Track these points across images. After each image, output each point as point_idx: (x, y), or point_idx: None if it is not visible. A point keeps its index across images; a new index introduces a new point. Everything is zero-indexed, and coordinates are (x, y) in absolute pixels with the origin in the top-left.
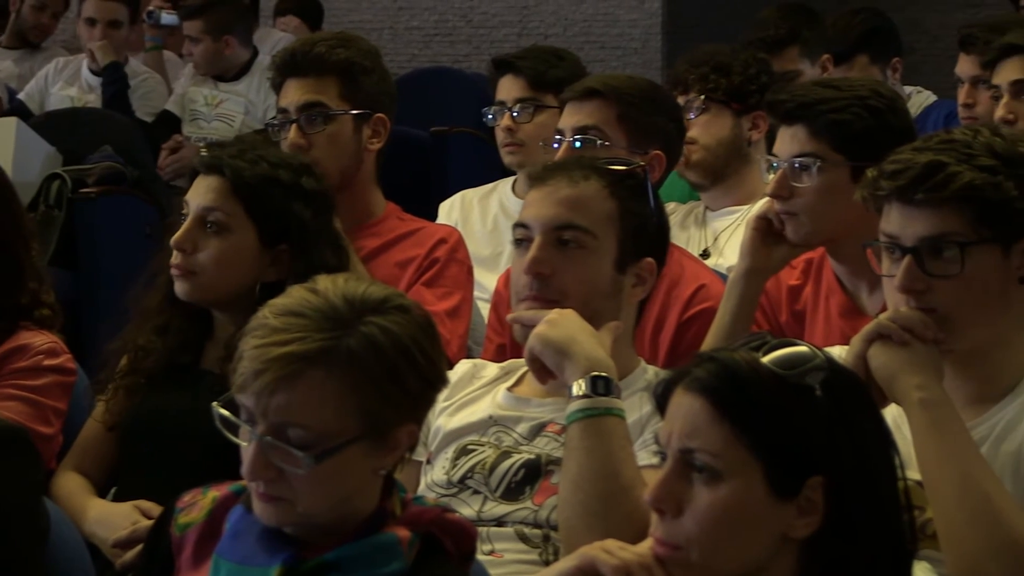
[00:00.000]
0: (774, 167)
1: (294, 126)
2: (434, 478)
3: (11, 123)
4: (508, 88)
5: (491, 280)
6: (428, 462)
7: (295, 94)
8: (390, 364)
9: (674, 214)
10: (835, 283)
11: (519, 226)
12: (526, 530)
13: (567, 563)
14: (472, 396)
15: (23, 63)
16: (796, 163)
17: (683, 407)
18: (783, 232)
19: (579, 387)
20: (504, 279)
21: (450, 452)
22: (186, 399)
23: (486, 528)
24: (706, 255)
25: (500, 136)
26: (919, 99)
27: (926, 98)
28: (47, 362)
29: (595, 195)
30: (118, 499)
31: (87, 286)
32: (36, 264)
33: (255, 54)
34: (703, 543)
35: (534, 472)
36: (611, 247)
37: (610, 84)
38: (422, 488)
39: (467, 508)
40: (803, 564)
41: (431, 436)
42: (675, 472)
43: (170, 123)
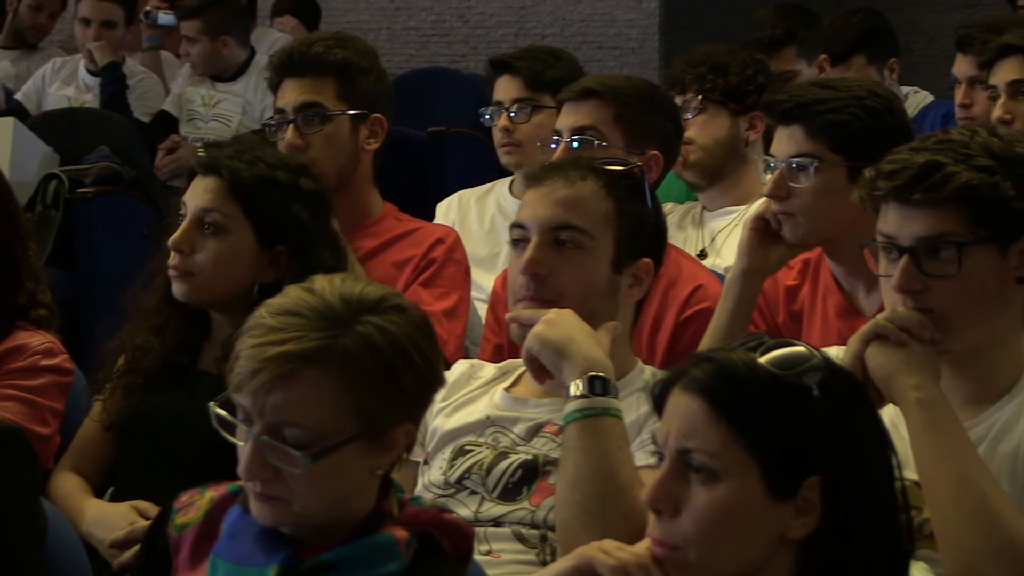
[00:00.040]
0: (771, 167)
1: (291, 126)
2: (431, 478)
3: (8, 123)
4: (505, 88)
5: (488, 280)
6: (425, 462)
7: (292, 94)
8: (387, 364)
9: (671, 214)
10: (832, 283)
11: (516, 226)
12: (523, 530)
13: (564, 563)
14: (469, 396)
15: (20, 63)
16: (793, 163)
17: (680, 407)
18: (780, 232)
19: (576, 387)
20: (502, 279)
21: (447, 452)
22: (183, 399)
23: (483, 528)
24: (703, 255)
25: (497, 136)
26: (916, 99)
27: (923, 98)
28: (44, 362)
29: (592, 195)
30: (115, 499)
31: (84, 286)
32: (33, 264)
33: (252, 54)
34: (700, 543)
35: (531, 472)
36: (608, 247)
37: (607, 84)
38: (419, 488)
39: (464, 508)
40: (800, 564)
41: (428, 436)
42: (672, 472)
43: (167, 123)
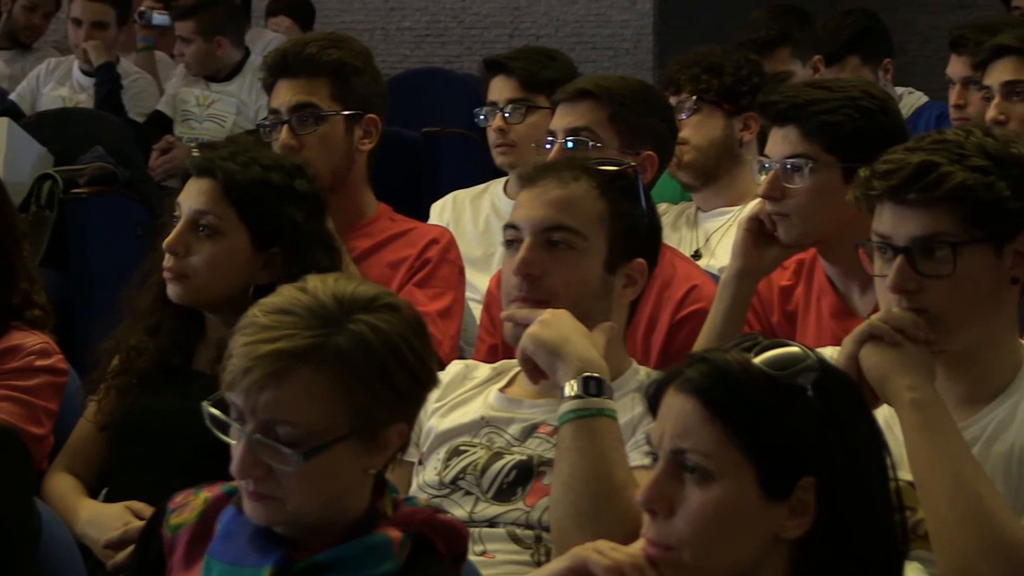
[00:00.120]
0: (766, 168)
1: (285, 127)
2: (426, 479)
3: (2, 123)
4: (500, 89)
5: (483, 281)
6: (420, 463)
7: (286, 95)
8: (379, 362)
9: (666, 215)
10: (826, 284)
11: (509, 227)
12: (518, 531)
13: (559, 564)
14: (464, 397)
15: (14, 63)
16: (788, 164)
17: (675, 408)
18: (775, 233)
19: (571, 388)
20: (496, 280)
21: (442, 453)
22: (178, 400)
23: (478, 529)
24: (698, 256)
25: (492, 137)
26: (910, 100)
27: (917, 99)
28: (39, 362)
29: (585, 196)
30: (110, 500)
31: (78, 286)
32: (27, 264)
33: (247, 55)
34: (695, 544)
35: (526, 473)
36: (601, 248)
37: (602, 85)
38: (414, 489)
39: (459, 509)
40: (795, 565)
41: (423, 437)
42: (667, 473)
43: (161, 124)
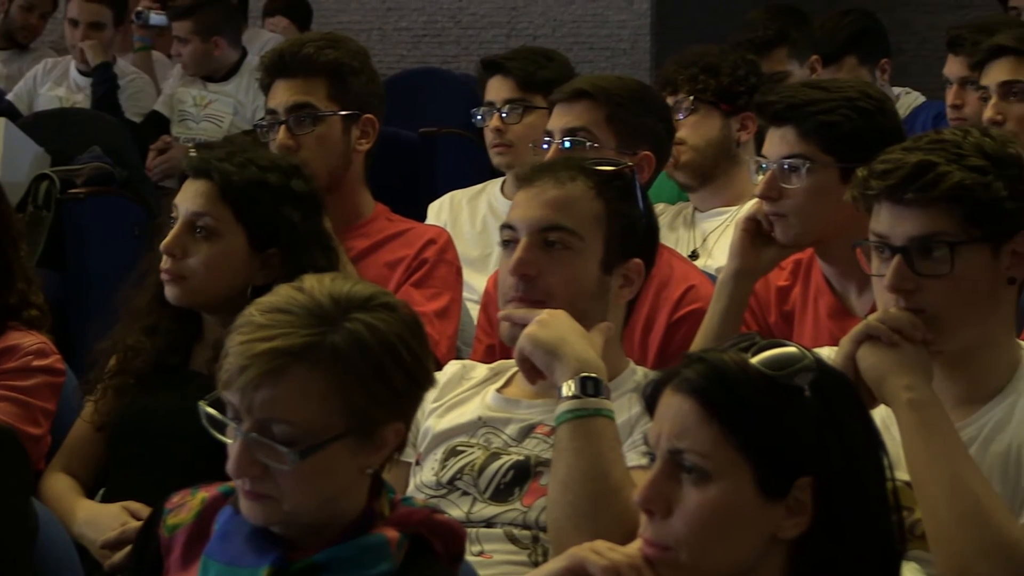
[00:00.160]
0: (763, 168)
1: (282, 127)
2: (423, 479)
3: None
4: (497, 89)
5: (480, 281)
6: (417, 463)
7: (284, 95)
8: (375, 361)
9: (663, 215)
10: (824, 284)
11: (506, 227)
12: (515, 531)
13: (556, 564)
14: (461, 397)
15: (11, 64)
16: (785, 164)
17: (672, 408)
18: (772, 233)
19: (568, 388)
20: (493, 280)
21: (439, 453)
22: (175, 400)
23: (475, 529)
24: (695, 256)
25: (489, 137)
26: (908, 100)
27: (914, 99)
28: (36, 363)
29: (581, 196)
30: (107, 500)
31: (75, 287)
32: (24, 265)
33: (244, 55)
34: (692, 544)
35: (523, 473)
36: (597, 248)
37: (599, 85)
38: (411, 489)
39: (456, 509)
40: (792, 565)
41: (420, 437)
42: (664, 473)
43: (159, 124)
